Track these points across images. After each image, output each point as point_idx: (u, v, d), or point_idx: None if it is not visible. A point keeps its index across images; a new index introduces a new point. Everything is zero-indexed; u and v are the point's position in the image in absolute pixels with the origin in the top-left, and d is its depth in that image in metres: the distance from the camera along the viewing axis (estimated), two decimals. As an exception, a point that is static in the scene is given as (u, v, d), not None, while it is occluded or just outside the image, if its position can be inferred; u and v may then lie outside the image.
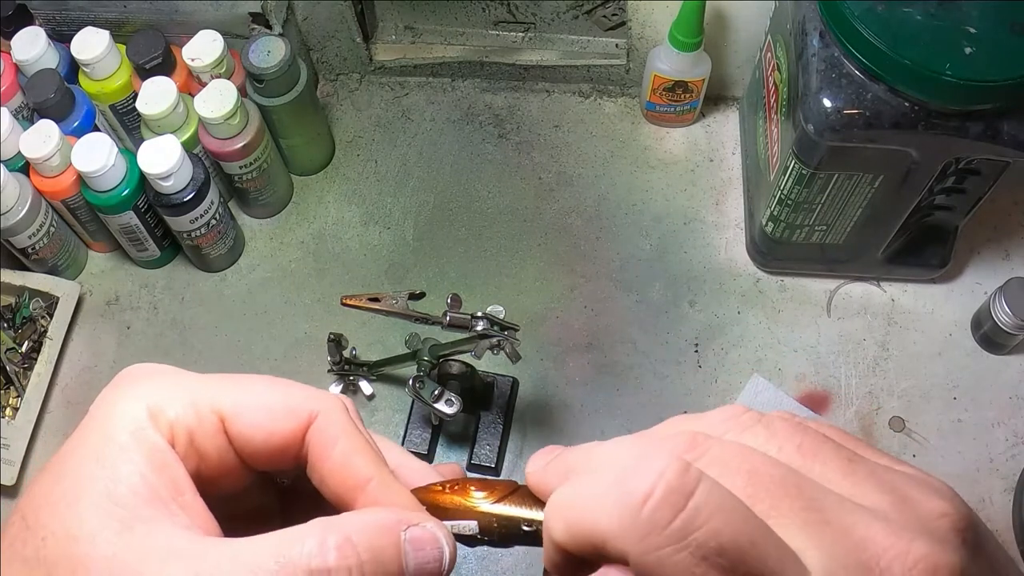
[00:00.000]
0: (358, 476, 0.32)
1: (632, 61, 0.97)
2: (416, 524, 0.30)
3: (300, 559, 0.27)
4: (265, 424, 0.32)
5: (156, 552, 0.27)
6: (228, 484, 0.33)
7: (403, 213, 0.97)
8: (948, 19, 0.64)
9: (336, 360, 0.84)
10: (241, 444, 0.32)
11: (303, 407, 0.32)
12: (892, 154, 0.70)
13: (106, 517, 0.27)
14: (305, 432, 0.32)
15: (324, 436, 0.32)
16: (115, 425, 0.30)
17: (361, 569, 0.28)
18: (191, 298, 0.94)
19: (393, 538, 0.29)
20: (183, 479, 0.30)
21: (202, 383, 0.32)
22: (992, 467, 0.81)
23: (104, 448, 0.29)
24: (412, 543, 0.30)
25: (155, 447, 0.30)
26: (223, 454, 0.32)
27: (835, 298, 0.89)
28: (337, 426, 0.32)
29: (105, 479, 0.28)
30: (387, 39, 1.03)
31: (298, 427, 0.32)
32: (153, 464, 0.29)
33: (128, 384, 0.32)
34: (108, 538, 0.27)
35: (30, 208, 0.85)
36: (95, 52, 0.87)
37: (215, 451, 0.32)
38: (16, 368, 0.88)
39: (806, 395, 0.85)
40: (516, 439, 0.85)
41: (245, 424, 0.32)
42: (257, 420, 0.32)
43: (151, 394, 0.31)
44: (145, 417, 0.30)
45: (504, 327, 0.70)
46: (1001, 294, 0.81)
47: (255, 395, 0.32)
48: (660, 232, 0.93)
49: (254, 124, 0.87)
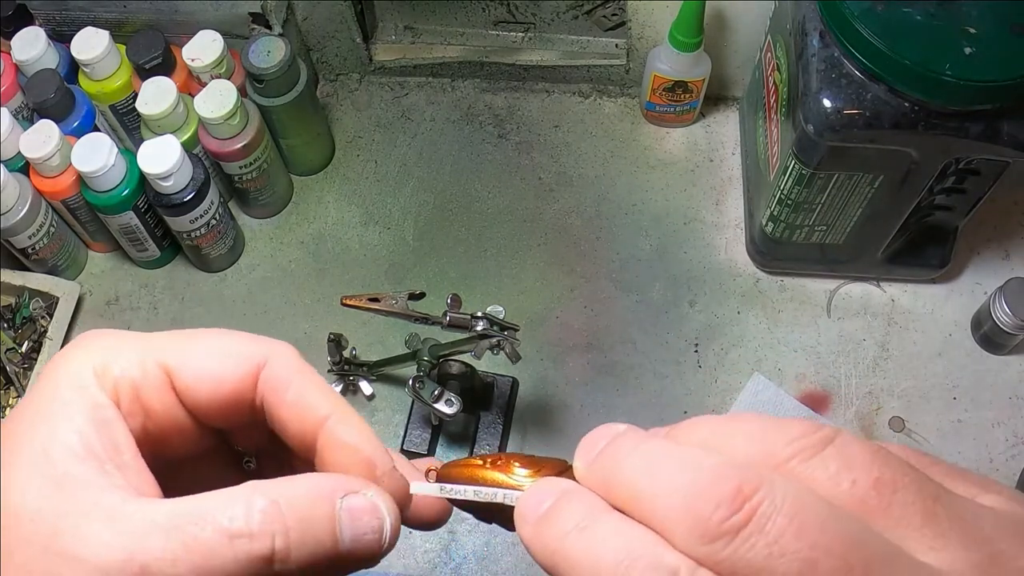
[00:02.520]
0: (316, 413, 0.31)
1: (632, 61, 0.97)
2: (356, 492, 0.29)
3: (222, 521, 0.27)
4: (212, 372, 0.31)
5: (79, 509, 0.27)
6: (180, 444, 0.32)
7: (403, 213, 0.97)
8: (948, 19, 0.64)
9: (336, 360, 0.84)
10: (189, 397, 0.31)
11: (251, 353, 0.31)
12: (892, 154, 0.70)
13: (37, 474, 0.27)
14: (255, 379, 0.31)
15: (277, 380, 0.31)
16: (59, 383, 0.30)
17: (287, 536, 0.27)
18: (191, 298, 0.94)
19: (327, 506, 0.28)
20: (123, 438, 0.29)
21: (150, 339, 0.32)
22: (992, 467, 0.81)
23: (46, 406, 0.29)
24: (348, 512, 0.28)
25: (96, 404, 0.29)
26: (171, 409, 0.31)
27: (835, 298, 0.89)
28: (290, 368, 0.31)
29: (42, 437, 0.28)
30: (387, 39, 1.03)
31: (247, 373, 0.31)
32: (93, 422, 0.29)
33: (78, 345, 0.31)
34: (35, 494, 0.27)
35: (30, 208, 0.85)
36: (95, 52, 0.87)
37: (162, 406, 0.31)
38: (16, 368, 0.88)
39: (806, 395, 0.85)
40: (516, 439, 0.85)
41: (191, 374, 0.31)
42: (203, 368, 0.31)
43: (98, 352, 0.30)
44: (90, 375, 0.30)
45: (504, 327, 0.70)
46: (1001, 294, 0.81)
47: (201, 345, 0.32)
48: (660, 232, 0.93)
49: (254, 124, 0.87)
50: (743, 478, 0.23)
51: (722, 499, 0.22)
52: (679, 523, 0.23)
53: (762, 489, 0.22)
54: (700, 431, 0.26)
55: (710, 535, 0.22)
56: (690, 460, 0.24)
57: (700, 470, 0.23)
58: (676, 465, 0.24)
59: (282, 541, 0.27)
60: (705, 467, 0.23)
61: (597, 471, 0.26)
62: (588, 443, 0.27)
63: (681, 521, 0.23)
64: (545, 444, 0.84)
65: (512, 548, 0.80)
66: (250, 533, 0.27)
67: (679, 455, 0.24)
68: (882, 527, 0.23)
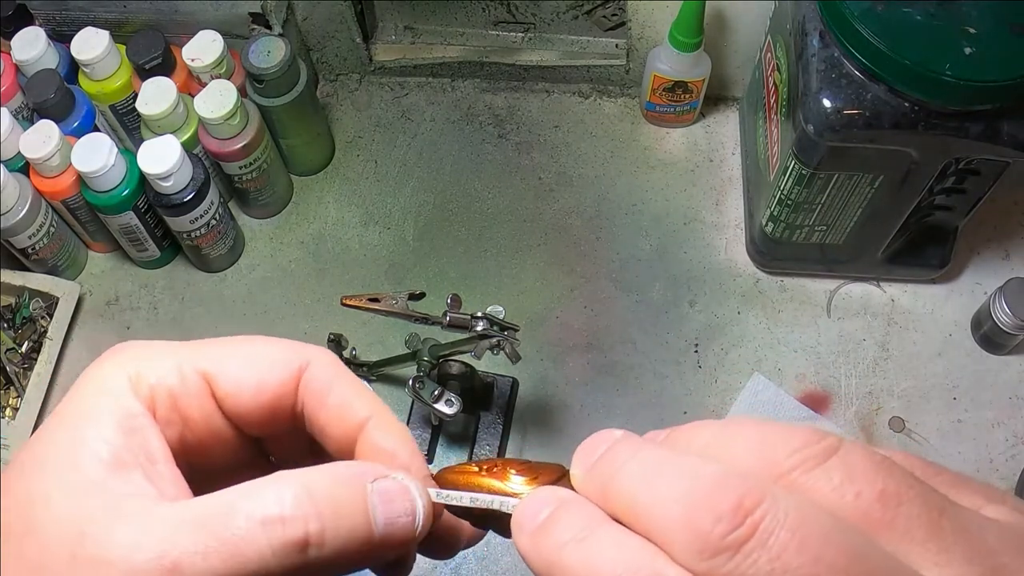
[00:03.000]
0: (357, 416, 0.31)
1: (632, 61, 0.97)
2: (386, 476, 0.29)
3: (253, 510, 0.26)
4: (252, 378, 0.31)
5: (106, 515, 0.26)
6: (219, 454, 0.32)
7: (403, 213, 0.97)
8: (948, 19, 0.64)
9: (336, 360, 0.84)
10: (230, 404, 0.31)
11: (292, 358, 0.31)
12: (892, 154, 0.70)
13: (63, 482, 0.27)
14: (296, 385, 0.31)
15: (319, 384, 0.31)
16: (91, 392, 0.29)
17: (320, 520, 0.27)
18: (191, 298, 0.94)
19: (358, 489, 0.28)
20: (157, 446, 0.29)
21: (187, 347, 0.31)
22: (992, 467, 0.81)
23: (76, 415, 0.29)
24: (380, 495, 0.28)
25: (128, 413, 0.29)
26: (210, 417, 0.31)
27: (835, 298, 0.89)
28: (330, 372, 0.31)
29: (70, 445, 0.28)
30: (387, 39, 1.03)
31: (288, 378, 0.31)
32: (123, 429, 0.28)
33: (112, 354, 0.31)
34: (60, 501, 0.27)
35: (30, 208, 0.85)
36: (95, 52, 0.87)
37: (201, 414, 0.31)
38: (16, 368, 0.88)
39: (806, 395, 0.85)
40: (516, 439, 0.85)
41: (231, 380, 0.31)
42: (244, 375, 0.31)
43: (133, 361, 0.30)
44: (124, 384, 0.29)
45: (504, 327, 0.70)
46: (1001, 294, 0.81)
47: (241, 351, 0.31)
48: (660, 232, 0.93)
49: (254, 124, 0.87)
50: (744, 490, 0.22)
51: (723, 512, 0.22)
52: (678, 537, 0.23)
53: (764, 502, 0.22)
54: (699, 437, 0.25)
55: (711, 550, 0.22)
56: (688, 469, 0.23)
57: (699, 480, 0.23)
58: (674, 474, 0.23)
59: (316, 524, 0.27)
60: (705, 477, 0.23)
61: (594, 479, 0.26)
62: (586, 449, 0.27)
63: (680, 535, 0.22)
64: (545, 444, 0.84)
65: (512, 549, 0.80)
66: (282, 519, 0.26)
67: (677, 464, 0.24)
68: (886, 541, 0.22)
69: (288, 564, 0.26)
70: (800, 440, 0.24)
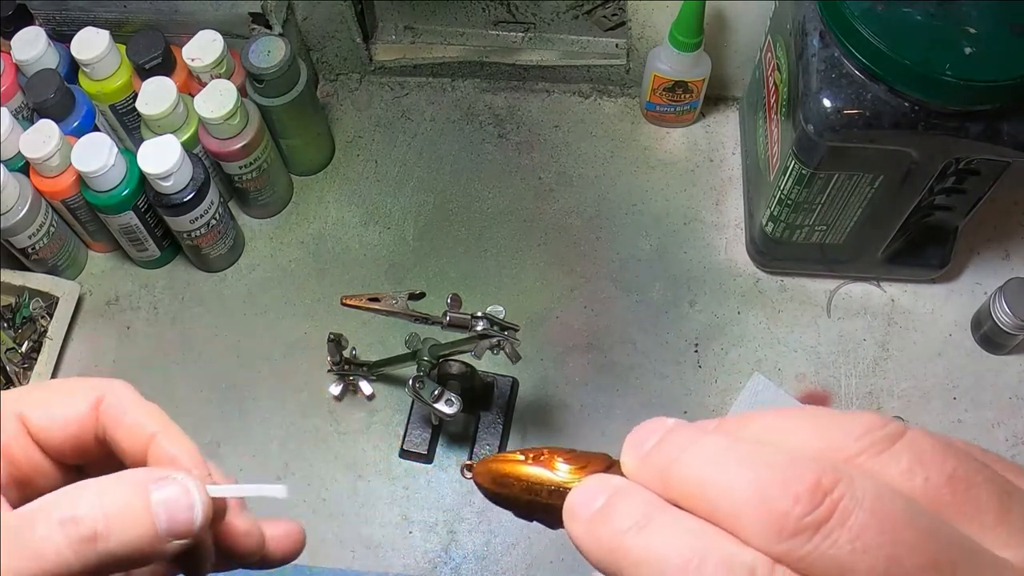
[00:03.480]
0: (146, 432, 0.35)
1: (632, 61, 0.97)
2: (166, 476, 0.32)
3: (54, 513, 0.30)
4: (59, 414, 0.35)
5: None
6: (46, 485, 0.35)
7: (403, 213, 0.97)
8: (948, 19, 0.64)
9: (336, 360, 0.84)
10: (43, 439, 0.35)
11: (90, 392, 0.36)
12: (892, 154, 0.70)
13: None
14: (96, 414, 0.35)
15: (114, 410, 0.35)
16: None
17: (107, 517, 0.30)
18: (191, 298, 0.94)
19: (141, 487, 0.32)
20: None
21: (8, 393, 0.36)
22: (992, 467, 0.81)
23: None
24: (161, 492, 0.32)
25: None
26: (30, 454, 0.35)
27: (835, 298, 0.89)
28: (125, 398, 0.36)
29: None
30: (387, 39, 1.03)
31: (89, 407, 0.35)
32: None
33: None
34: None
35: (30, 208, 0.85)
36: (95, 52, 0.87)
37: (22, 452, 0.35)
38: (16, 368, 0.88)
39: (806, 395, 0.85)
40: (516, 439, 0.85)
41: (42, 418, 0.35)
42: (51, 411, 0.35)
43: None
44: None
45: (504, 327, 0.70)
46: (1001, 294, 0.81)
47: (47, 392, 0.36)
48: (660, 232, 0.93)
49: (254, 124, 0.87)
50: (821, 471, 0.22)
51: (801, 493, 0.22)
52: (753, 518, 0.22)
53: (841, 483, 0.22)
54: (753, 426, 0.25)
55: (789, 530, 0.22)
56: (759, 454, 0.23)
57: (771, 463, 0.23)
58: (743, 458, 0.23)
59: (103, 521, 0.31)
60: (777, 460, 0.23)
61: (652, 465, 0.25)
62: (637, 437, 0.26)
63: (755, 516, 0.22)
64: (545, 444, 0.84)
65: (512, 548, 0.80)
66: (75, 519, 0.30)
67: (744, 449, 0.24)
68: (957, 524, 0.22)
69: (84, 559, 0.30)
70: (864, 425, 0.24)
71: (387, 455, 0.85)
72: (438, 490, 0.83)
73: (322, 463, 0.85)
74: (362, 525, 0.82)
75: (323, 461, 0.85)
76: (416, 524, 0.82)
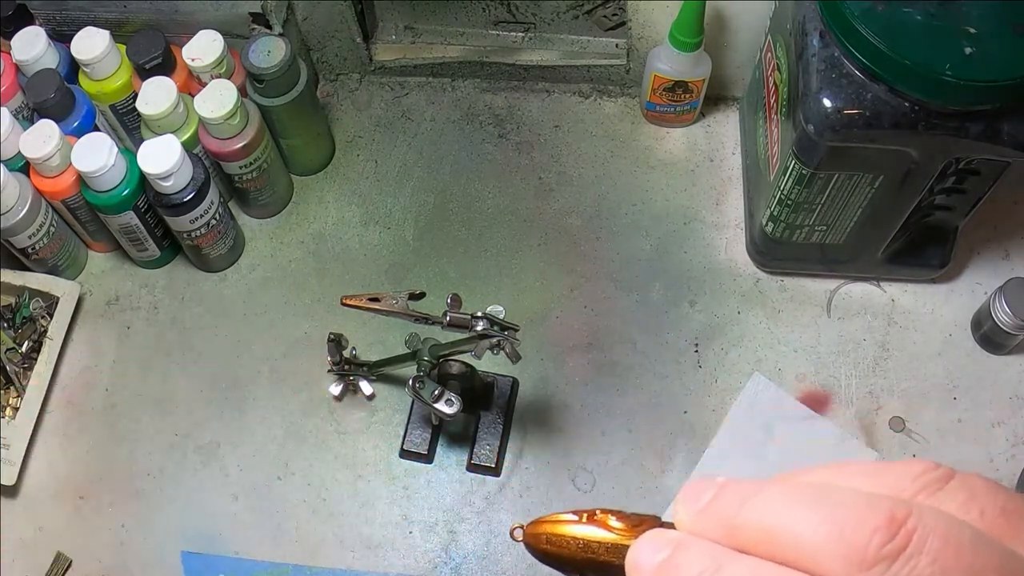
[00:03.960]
0: None
1: (632, 61, 0.97)
2: None
3: None
4: None
5: None
6: None
7: (403, 213, 0.97)
8: (948, 19, 0.64)
9: (336, 360, 0.84)
10: None
11: None
12: (892, 154, 0.70)
13: None
14: None
15: None
16: None
17: None
18: (191, 298, 0.94)
19: None
20: None
21: None
22: (992, 467, 0.81)
23: None
24: None
25: None
26: None
27: (835, 298, 0.89)
28: None
29: None
30: (387, 39, 1.03)
31: None
32: None
33: None
34: None
35: (30, 208, 0.85)
36: (95, 52, 0.87)
37: None
38: (16, 368, 0.88)
39: (806, 395, 0.85)
40: (516, 439, 0.85)
41: None
42: None
43: None
44: None
45: (504, 327, 0.69)
46: (1001, 294, 0.81)
47: None
48: (660, 232, 0.93)
49: (254, 124, 0.87)
50: (892, 505, 0.23)
51: (878, 526, 0.23)
52: (833, 554, 0.23)
53: (913, 515, 0.23)
54: (809, 477, 0.26)
55: (870, 561, 0.23)
56: (827, 497, 0.24)
57: (843, 504, 0.24)
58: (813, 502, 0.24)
59: None
60: (847, 500, 0.24)
61: (712, 517, 0.26)
62: (692, 493, 0.27)
63: (835, 552, 0.23)
64: (545, 444, 0.84)
65: (512, 548, 0.80)
66: None
67: (811, 493, 0.25)
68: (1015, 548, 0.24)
69: None
70: (918, 469, 0.25)
71: (387, 455, 0.85)
72: (438, 490, 0.83)
73: (322, 463, 0.85)
74: (362, 525, 0.82)
75: (323, 461, 0.85)
76: (416, 524, 0.82)
